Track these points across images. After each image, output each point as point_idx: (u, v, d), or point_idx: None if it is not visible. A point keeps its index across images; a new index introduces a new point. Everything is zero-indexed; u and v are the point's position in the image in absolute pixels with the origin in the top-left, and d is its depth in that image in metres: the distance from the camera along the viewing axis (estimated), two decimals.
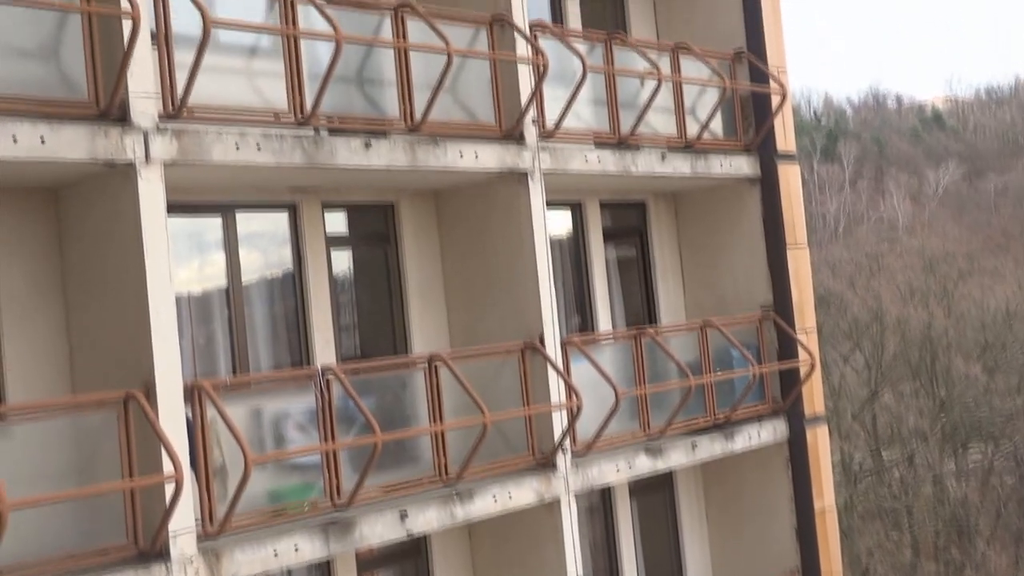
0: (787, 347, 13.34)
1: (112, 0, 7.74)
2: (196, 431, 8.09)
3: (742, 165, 13.30)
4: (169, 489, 7.49)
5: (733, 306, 13.70)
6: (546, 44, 10.93)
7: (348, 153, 9.22)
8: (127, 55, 7.59)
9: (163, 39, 8.11)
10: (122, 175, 7.91)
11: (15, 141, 7.23)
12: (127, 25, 7.62)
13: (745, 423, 12.83)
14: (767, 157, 13.44)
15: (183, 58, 8.09)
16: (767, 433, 13.11)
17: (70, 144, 7.52)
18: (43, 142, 7.37)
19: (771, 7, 13.62)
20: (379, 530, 9.04)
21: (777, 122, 13.42)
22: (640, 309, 13.99)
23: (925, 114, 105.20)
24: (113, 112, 7.77)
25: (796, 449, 13.38)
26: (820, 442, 13.56)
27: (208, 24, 7.81)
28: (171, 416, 7.80)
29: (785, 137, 13.65)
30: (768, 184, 13.48)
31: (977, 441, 49.84)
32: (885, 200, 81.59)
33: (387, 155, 9.51)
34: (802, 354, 13.27)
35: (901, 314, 56.66)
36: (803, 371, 13.22)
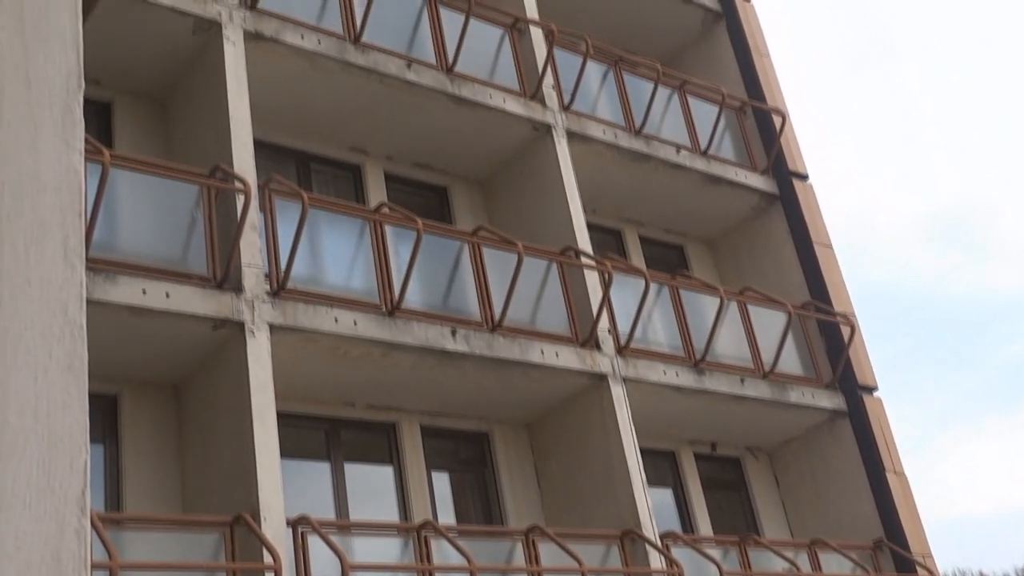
0: None
1: (255, 555, 8.00)
2: None
3: None
4: None
5: None
6: (679, 552, 10.81)
7: None
8: None
9: None
10: None
11: None
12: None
13: None
14: None
15: None
16: None
17: None
18: None
19: (903, 495, 13.33)
20: None
21: None
22: None
23: None
24: None
25: None
26: None
27: (347, 570, 7.95)
28: None
29: None
30: None
31: None
32: None
33: None
34: None
35: None
36: None
